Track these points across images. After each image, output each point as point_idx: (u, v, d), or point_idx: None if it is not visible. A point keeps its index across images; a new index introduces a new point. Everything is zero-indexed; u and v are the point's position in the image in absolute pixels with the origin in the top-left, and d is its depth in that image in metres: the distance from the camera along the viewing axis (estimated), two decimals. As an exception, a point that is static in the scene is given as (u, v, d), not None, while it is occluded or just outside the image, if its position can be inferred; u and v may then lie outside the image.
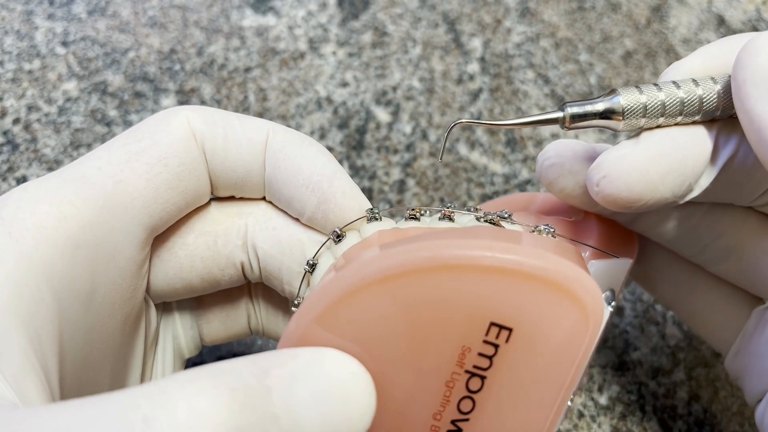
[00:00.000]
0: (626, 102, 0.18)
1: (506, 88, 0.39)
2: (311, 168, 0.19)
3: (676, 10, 0.45)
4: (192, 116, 0.19)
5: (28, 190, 0.16)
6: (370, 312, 0.15)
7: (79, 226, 0.16)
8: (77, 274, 0.16)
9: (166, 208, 0.18)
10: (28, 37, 0.37)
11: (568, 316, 0.16)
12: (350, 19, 0.41)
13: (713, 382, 0.31)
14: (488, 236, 0.17)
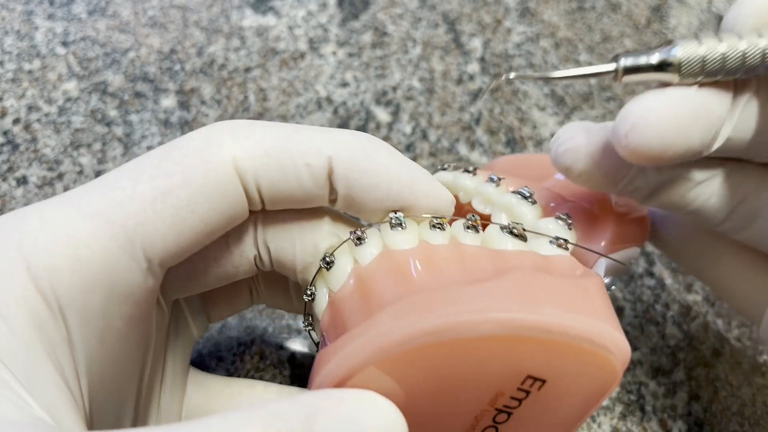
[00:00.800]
0: (683, 54, 0.17)
1: (506, 88, 0.39)
2: (387, 180, 0.18)
3: (676, 10, 0.45)
4: (239, 154, 0.17)
5: (46, 222, 0.15)
6: (420, 362, 0.16)
7: (95, 270, 0.15)
8: (92, 313, 0.16)
9: (187, 248, 0.17)
10: (28, 37, 0.37)
11: (599, 372, 0.17)
12: (350, 19, 0.41)
13: (713, 382, 0.31)
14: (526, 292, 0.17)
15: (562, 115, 0.39)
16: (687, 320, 0.33)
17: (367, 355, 0.16)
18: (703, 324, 0.33)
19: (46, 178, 0.32)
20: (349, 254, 0.19)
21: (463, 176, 0.23)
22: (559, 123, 0.39)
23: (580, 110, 0.39)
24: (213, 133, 0.17)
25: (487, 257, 0.18)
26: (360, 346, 0.16)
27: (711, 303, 0.33)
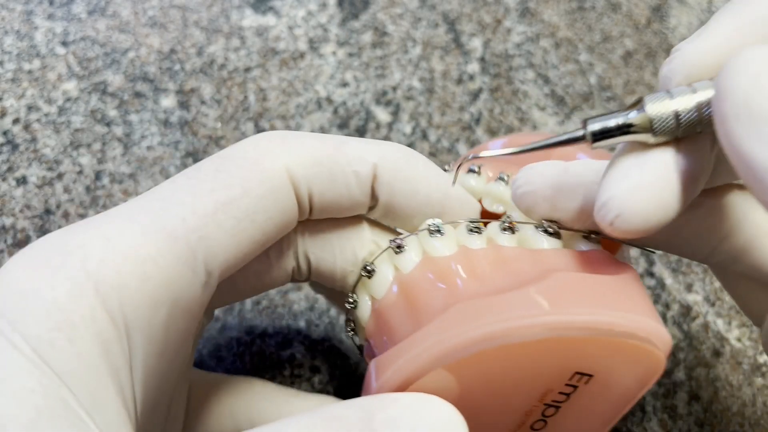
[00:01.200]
0: (654, 112, 0.16)
1: (506, 88, 0.39)
2: (426, 187, 0.19)
3: (677, 10, 0.45)
4: (291, 163, 0.18)
5: (110, 240, 0.15)
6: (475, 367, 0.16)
7: (161, 285, 0.16)
8: (155, 331, 0.16)
9: (243, 259, 0.18)
10: (27, 37, 0.37)
11: (643, 365, 0.17)
12: (350, 19, 0.41)
13: (713, 382, 0.31)
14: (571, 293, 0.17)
15: (562, 115, 0.39)
16: (687, 320, 0.33)
17: (426, 361, 0.16)
18: (703, 324, 0.33)
19: (46, 178, 0.32)
20: (389, 262, 0.20)
21: (467, 177, 0.23)
22: (559, 123, 0.39)
23: (581, 110, 0.39)
24: (264, 143, 0.18)
25: (526, 258, 0.18)
26: (419, 353, 0.16)
27: (711, 303, 0.33)
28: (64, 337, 0.14)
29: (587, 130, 0.17)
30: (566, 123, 0.39)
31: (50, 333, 0.14)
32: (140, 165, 0.33)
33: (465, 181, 0.23)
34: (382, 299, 0.19)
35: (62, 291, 0.15)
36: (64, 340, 0.14)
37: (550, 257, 0.19)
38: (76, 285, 0.15)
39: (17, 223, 0.31)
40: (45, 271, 0.15)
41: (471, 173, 0.23)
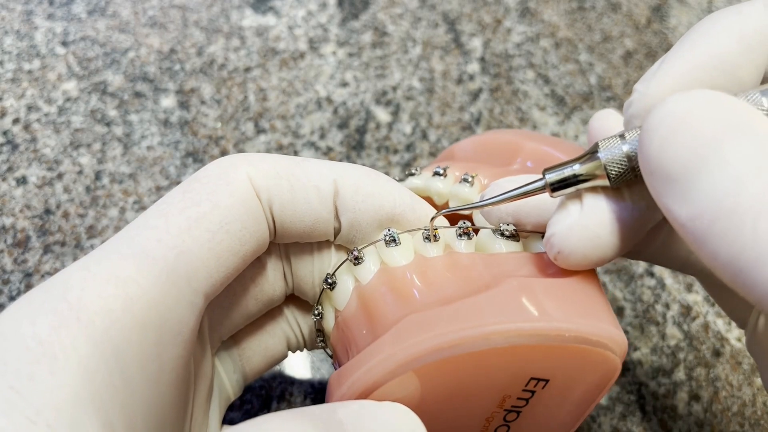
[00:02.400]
0: (607, 158, 0.16)
1: (506, 88, 0.39)
2: (391, 201, 0.19)
3: (677, 10, 0.45)
4: (252, 173, 0.18)
5: (90, 270, 0.15)
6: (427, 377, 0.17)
7: (146, 306, 0.15)
8: (146, 355, 0.16)
9: (226, 274, 0.18)
10: (27, 37, 0.37)
11: (598, 368, 0.17)
12: (350, 19, 0.41)
13: (713, 382, 0.31)
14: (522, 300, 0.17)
15: (562, 115, 0.39)
16: (687, 320, 0.33)
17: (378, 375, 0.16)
18: (703, 324, 0.33)
19: (46, 178, 0.32)
20: (350, 274, 0.20)
21: (434, 180, 0.23)
22: (559, 123, 0.38)
23: (581, 110, 0.39)
24: (227, 161, 0.18)
25: (482, 264, 0.18)
26: (371, 368, 0.17)
27: (711, 303, 0.33)
28: (44, 369, 0.14)
29: (546, 180, 0.17)
30: (566, 123, 0.39)
31: (29, 366, 0.14)
32: (140, 165, 0.33)
33: (432, 184, 0.23)
34: (344, 310, 0.19)
35: (43, 325, 0.14)
36: (45, 372, 0.14)
37: (506, 261, 0.19)
38: (57, 317, 0.15)
39: (17, 223, 0.31)
40: (27, 309, 0.15)
41: (437, 176, 0.23)
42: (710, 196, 0.13)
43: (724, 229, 0.13)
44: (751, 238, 0.12)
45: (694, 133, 0.13)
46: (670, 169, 0.14)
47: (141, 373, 0.15)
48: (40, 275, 0.30)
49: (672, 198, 0.14)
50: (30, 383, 0.14)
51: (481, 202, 0.18)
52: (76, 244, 0.31)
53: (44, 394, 0.14)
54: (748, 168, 0.13)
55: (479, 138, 0.26)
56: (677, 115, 0.14)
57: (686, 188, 0.13)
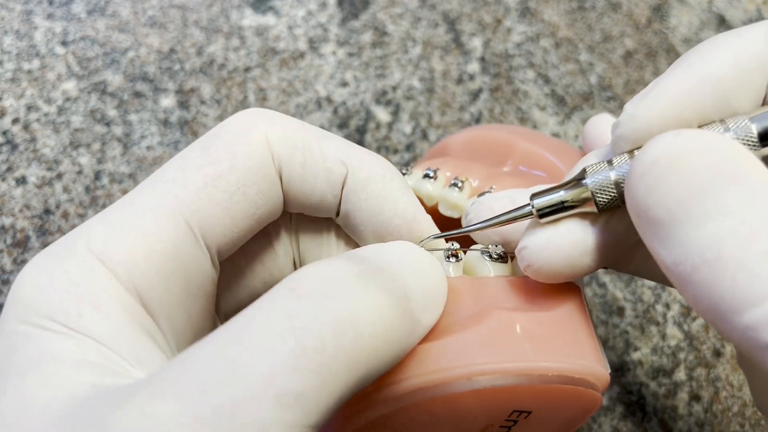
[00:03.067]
0: (594, 184, 0.16)
1: (506, 88, 0.39)
2: (392, 211, 0.19)
3: (677, 9, 0.45)
4: (271, 135, 0.18)
5: (111, 223, 0.16)
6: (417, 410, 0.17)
7: (168, 258, 0.16)
8: (173, 304, 0.16)
9: (240, 235, 0.18)
10: (27, 36, 0.37)
11: (580, 402, 0.18)
12: (350, 19, 0.41)
13: (714, 382, 0.31)
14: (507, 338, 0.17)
15: (562, 114, 0.39)
16: (687, 320, 0.33)
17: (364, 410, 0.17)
18: (704, 324, 0.33)
19: (46, 177, 0.32)
20: None
21: (424, 182, 0.23)
22: (559, 123, 0.38)
23: (581, 110, 0.39)
24: (249, 116, 0.18)
25: (468, 291, 0.19)
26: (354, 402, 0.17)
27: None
28: (89, 306, 0.15)
29: (533, 206, 0.17)
30: (566, 123, 0.39)
31: (75, 306, 0.14)
32: (140, 165, 0.33)
33: (422, 186, 0.23)
34: None
35: (75, 272, 0.15)
36: (91, 309, 0.15)
37: (493, 288, 0.19)
38: (86, 264, 0.15)
39: (17, 223, 0.31)
40: (54, 262, 0.15)
41: (427, 178, 0.23)
42: (693, 246, 0.13)
43: (705, 278, 0.13)
44: (730, 290, 0.13)
45: (680, 181, 0.14)
46: (656, 214, 0.14)
47: (170, 321, 0.16)
48: (40, 275, 0.30)
49: (657, 242, 0.14)
50: (80, 319, 0.14)
51: (467, 228, 0.19)
52: (75, 244, 0.31)
53: (98, 326, 0.14)
54: (731, 220, 0.13)
55: (473, 133, 0.26)
56: (664, 160, 0.14)
57: (671, 234, 0.14)
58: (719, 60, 0.16)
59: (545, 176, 0.23)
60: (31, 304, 0.15)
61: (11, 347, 0.14)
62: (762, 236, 0.13)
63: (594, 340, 0.18)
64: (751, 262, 0.12)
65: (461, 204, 0.22)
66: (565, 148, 0.24)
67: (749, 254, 0.12)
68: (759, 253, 0.12)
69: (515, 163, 0.24)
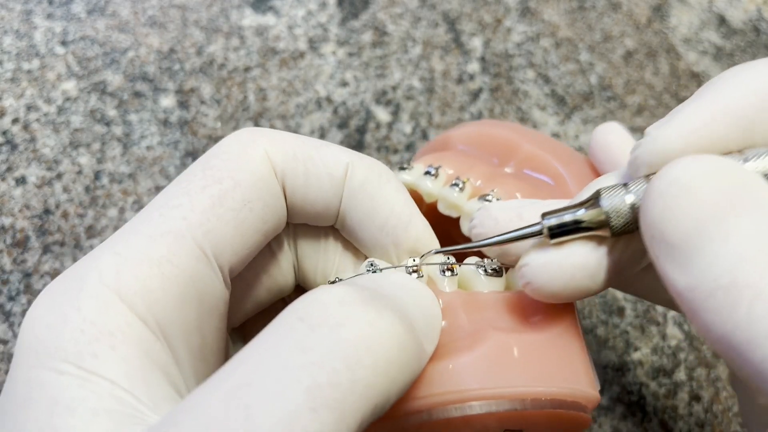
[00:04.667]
0: (610, 206, 0.16)
1: (506, 88, 0.39)
2: (388, 211, 0.19)
3: (677, 9, 0.45)
4: (271, 150, 0.18)
5: (120, 253, 0.16)
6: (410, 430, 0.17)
7: (182, 284, 0.16)
8: (190, 329, 0.16)
9: (250, 252, 0.18)
10: (27, 36, 0.37)
11: (571, 423, 0.18)
12: (350, 19, 0.41)
13: (714, 382, 0.31)
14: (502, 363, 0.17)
15: (562, 114, 0.39)
16: (688, 321, 0.33)
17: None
18: (704, 324, 0.33)
19: (45, 177, 0.32)
20: None
21: (424, 179, 0.23)
22: (559, 123, 0.38)
23: (581, 110, 0.39)
24: (246, 135, 0.18)
25: (463, 308, 0.19)
26: None
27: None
28: (105, 346, 0.14)
29: (543, 225, 0.17)
30: (566, 123, 0.38)
31: (90, 346, 0.14)
32: (140, 165, 0.33)
33: (422, 183, 0.23)
34: None
35: (89, 309, 0.15)
36: (106, 348, 0.14)
37: (488, 306, 0.19)
38: (100, 300, 0.15)
39: (16, 223, 0.31)
40: (65, 299, 0.15)
41: (428, 175, 0.23)
42: (709, 271, 0.13)
43: (720, 305, 0.12)
44: (746, 319, 0.12)
45: (699, 203, 0.13)
46: (671, 237, 0.14)
47: (186, 346, 0.16)
48: (39, 275, 0.30)
49: (671, 265, 0.14)
50: (95, 360, 0.14)
51: (471, 245, 0.18)
52: (75, 244, 0.31)
53: (113, 367, 0.14)
54: (749, 246, 0.13)
55: (476, 129, 0.26)
56: (683, 182, 0.14)
57: (686, 258, 0.13)
58: (744, 90, 0.16)
59: (549, 182, 0.23)
60: (44, 346, 0.14)
61: (27, 397, 0.14)
62: None
63: (586, 360, 0.19)
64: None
65: (460, 204, 0.22)
66: (569, 153, 0.24)
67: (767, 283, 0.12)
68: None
69: (518, 165, 0.24)
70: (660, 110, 0.40)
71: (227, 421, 0.12)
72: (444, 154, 0.25)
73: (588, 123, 0.39)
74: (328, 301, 0.14)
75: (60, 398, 0.14)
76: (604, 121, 0.39)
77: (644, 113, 0.40)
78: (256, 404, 0.12)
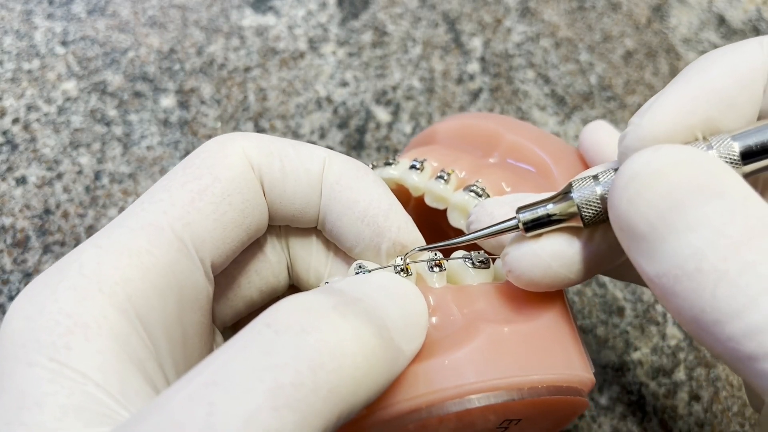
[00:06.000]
0: (580, 198, 0.16)
1: (506, 88, 0.39)
2: (367, 200, 0.19)
3: (677, 9, 0.45)
4: (247, 146, 0.18)
5: (101, 246, 0.16)
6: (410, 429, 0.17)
7: (162, 274, 0.16)
8: (170, 320, 0.16)
9: (232, 246, 0.18)
10: (27, 36, 0.37)
11: (569, 407, 0.18)
12: (350, 19, 0.41)
13: (714, 382, 0.31)
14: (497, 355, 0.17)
15: (562, 114, 0.39)
16: (687, 320, 0.33)
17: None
18: (704, 324, 0.33)
19: (46, 177, 0.32)
20: None
21: (410, 173, 0.23)
22: (559, 122, 0.38)
23: (581, 110, 0.39)
24: (223, 137, 0.18)
25: (454, 302, 0.19)
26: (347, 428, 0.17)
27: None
28: (79, 338, 0.14)
29: (519, 220, 0.17)
30: (566, 123, 0.39)
31: (64, 338, 0.14)
32: (140, 165, 0.33)
33: (408, 177, 0.23)
34: None
35: (66, 300, 0.15)
36: (81, 340, 0.14)
37: (478, 297, 0.19)
38: (78, 291, 0.15)
39: (17, 223, 0.31)
40: (44, 291, 0.15)
41: (414, 169, 0.23)
42: (674, 258, 0.13)
43: (687, 289, 0.13)
44: (710, 302, 0.13)
45: (662, 194, 0.14)
46: (637, 227, 0.14)
47: (166, 337, 0.16)
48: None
49: (639, 254, 0.14)
50: (69, 352, 0.14)
51: (454, 241, 0.19)
52: (75, 244, 0.31)
53: (86, 359, 0.14)
54: (710, 232, 0.13)
55: (462, 122, 0.26)
56: (645, 174, 0.14)
57: (653, 247, 0.14)
58: (719, 71, 0.16)
59: (533, 171, 0.23)
60: (19, 337, 0.14)
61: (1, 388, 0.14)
62: (742, 249, 0.13)
63: (579, 344, 0.19)
64: (731, 274, 0.13)
65: (447, 196, 0.22)
66: (554, 142, 0.24)
67: (729, 266, 0.13)
68: (739, 265, 0.13)
69: (502, 155, 0.24)
70: (660, 110, 0.40)
71: (190, 418, 0.12)
72: (429, 147, 0.25)
73: (588, 123, 0.39)
74: (296, 306, 0.15)
75: (29, 392, 0.14)
76: (604, 120, 0.39)
77: (644, 113, 0.40)
78: (219, 402, 0.12)
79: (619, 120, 0.39)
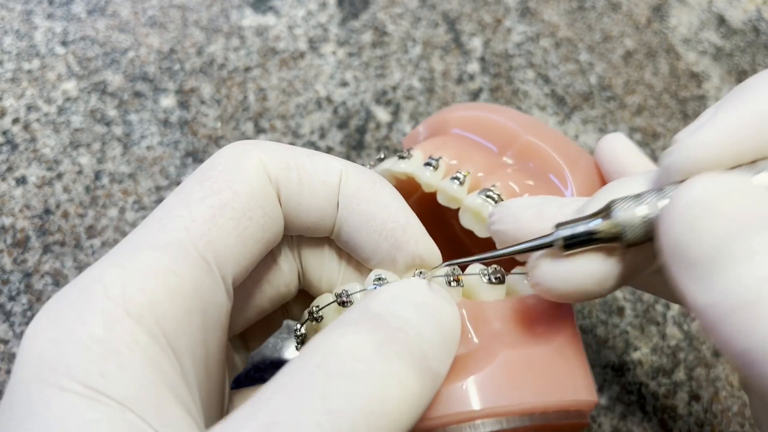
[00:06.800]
0: (623, 218, 0.16)
1: (506, 88, 0.39)
2: (385, 214, 0.19)
3: (677, 9, 0.45)
4: (265, 159, 0.18)
5: (124, 266, 0.15)
6: None
7: (188, 295, 0.16)
8: (195, 341, 0.16)
9: (251, 261, 0.18)
10: (27, 36, 0.37)
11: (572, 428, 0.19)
12: (350, 19, 0.41)
13: (714, 382, 0.31)
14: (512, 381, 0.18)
15: (562, 114, 0.39)
16: (687, 320, 0.33)
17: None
18: (704, 324, 0.33)
19: (46, 178, 0.32)
20: (336, 313, 0.19)
21: (424, 170, 0.23)
22: (559, 123, 0.38)
23: (581, 110, 0.39)
24: (239, 147, 0.18)
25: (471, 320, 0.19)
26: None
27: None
28: (113, 365, 0.14)
29: (557, 236, 0.17)
30: (566, 123, 0.39)
31: (97, 365, 0.14)
32: (140, 165, 0.33)
33: (422, 174, 0.23)
34: None
35: (95, 324, 0.14)
36: (115, 367, 0.14)
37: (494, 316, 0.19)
38: (107, 315, 0.14)
39: (17, 223, 0.31)
40: (70, 313, 0.15)
41: (428, 167, 0.23)
42: (732, 287, 0.13)
43: (743, 320, 0.13)
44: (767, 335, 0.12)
45: (721, 221, 0.13)
46: (692, 254, 0.14)
47: (192, 359, 0.16)
48: (40, 275, 0.30)
49: (691, 282, 0.14)
50: (104, 380, 0.14)
51: (486, 256, 0.18)
52: (75, 244, 0.31)
53: (121, 387, 0.14)
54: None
55: (476, 113, 0.26)
56: (704, 201, 0.14)
57: (708, 275, 0.13)
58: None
59: (551, 176, 0.23)
60: (47, 361, 0.14)
61: (31, 412, 0.13)
62: None
63: (585, 366, 0.19)
64: None
65: (460, 197, 0.22)
66: (566, 144, 0.24)
67: None
68: None
69: (516, 154, 0.24)
70: (659, 110, 0.40)
71: None
72: (441, 140, 0.24)
73: (588, 123, 0.39)
74: (343, 349, 0.15)
75: (69, 419, 0.13)
76: (604, 121, 0.39)
77: (644, 113, 0.40)
78: None
79: (618, 120, 0.39)
